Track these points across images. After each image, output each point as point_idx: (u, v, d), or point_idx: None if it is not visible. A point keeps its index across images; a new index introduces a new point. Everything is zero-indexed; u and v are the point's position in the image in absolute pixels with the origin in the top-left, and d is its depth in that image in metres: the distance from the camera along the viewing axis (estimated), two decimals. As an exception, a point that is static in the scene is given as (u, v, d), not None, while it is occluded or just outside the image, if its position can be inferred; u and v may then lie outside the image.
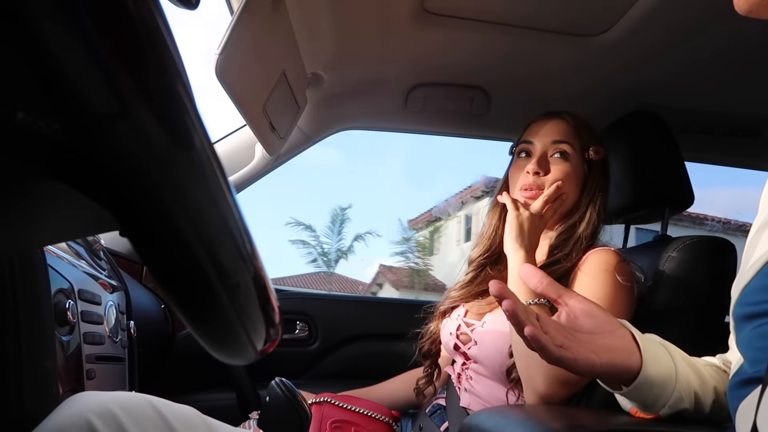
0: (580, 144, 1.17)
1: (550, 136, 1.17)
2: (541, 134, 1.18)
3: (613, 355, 0.66)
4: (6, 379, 0.51)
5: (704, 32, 1.15)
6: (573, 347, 0.63)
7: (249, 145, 1.58)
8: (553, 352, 0.61)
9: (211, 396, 1.58)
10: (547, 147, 1.17)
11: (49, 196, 0.32)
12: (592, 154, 1.16)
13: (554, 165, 1.15)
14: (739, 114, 1.53)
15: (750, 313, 0.61)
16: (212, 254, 0.28)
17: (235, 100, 0.96)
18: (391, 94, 1.52)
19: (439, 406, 1.22)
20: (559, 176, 1.13)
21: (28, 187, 0.31)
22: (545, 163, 1.16)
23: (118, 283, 1.04)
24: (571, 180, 1.15)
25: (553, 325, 0.66)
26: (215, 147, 0.29)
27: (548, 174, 1.14)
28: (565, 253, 1.10)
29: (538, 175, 1.14)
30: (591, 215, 1.14)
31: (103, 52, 0.24)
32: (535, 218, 1.07)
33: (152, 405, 0.60)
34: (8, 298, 0.51)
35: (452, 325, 1.18)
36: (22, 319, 0.52)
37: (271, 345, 0.35)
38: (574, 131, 1.17)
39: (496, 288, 0.64)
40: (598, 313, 0.69)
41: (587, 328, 0.68)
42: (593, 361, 0.64)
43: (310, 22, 1.19)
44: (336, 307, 1.86)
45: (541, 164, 1.15)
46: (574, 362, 0.62)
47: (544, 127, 1.19)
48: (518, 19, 1.20)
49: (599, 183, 1.17)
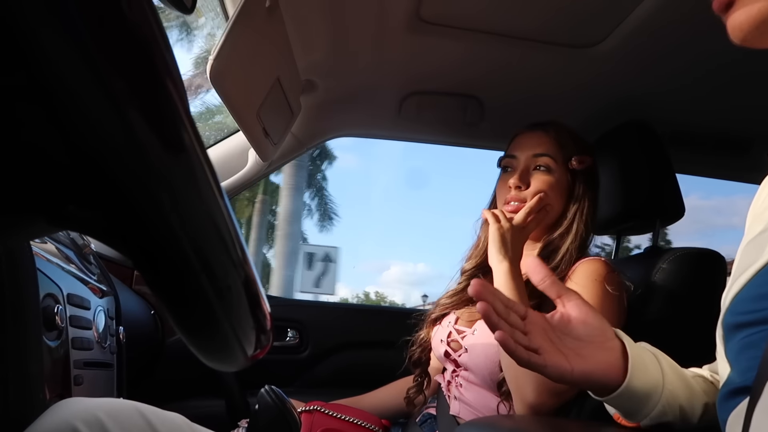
0: (562, 155, 1.17)
1: (532, 149, 1.18)
2: (524, 147, 1.20)
3: (591, 366, 0.66)
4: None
5: (697, 45, 1.16)
6: (549, 352, 0.63)
7: (242, 150, 1.57)
8: (521, 355, 0.61)
9: (201, 403, 1.57)
10: (529, 160, 1.18)
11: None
12: (575, 164, 1.17)
13: (536, 178, 1.16)
14: (730, 127, 1.55)
15: (739, 322, 0.61)
16: (202, 258, 0.28)
17: (229, 105, 0.96)
18: (385, 101, 1.52)
19: (430, 415, 1.21)
20: (540, 188, 1.14)
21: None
22: (526, 177, 1.17)
23: (107, 288, 1.03)
24: (554, 191, 1.15)
25: (539, 324, 0.66)
26: (208, 152, 0.29)
27: (529, 187, 1.16)
28: (554, 266, 1.10)
29: (519, 189, 1.16)
30: (578, 225, 1.14)
31: (98, 61, 0.24)
32: (516, 230, 1.08)
33: (140, 412, 0.59)
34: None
35: (443, 332, 1.18)
36: (8, 323, 0.52)
37: (261, 351, 0.35)
38: (555, 143, 1.18)
39: (475, 288, 0.63)
40: (593, 321, 0.69)
41: (576, 335, 0.68)
42: (564, 368, 0.64)
43: (305, 28, 1.20)
44: (327, 315, 1.85)
45: (522, 178, 1.16)
46: (544, 368, 0.62)
47: (526, 140, 1.20)
48: (513, 29, 1.21)
49: (585, 192, 1.17)
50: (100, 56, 0.24)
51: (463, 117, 1.54)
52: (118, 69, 0.25)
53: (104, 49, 0.24)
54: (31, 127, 0.26)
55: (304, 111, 1.40)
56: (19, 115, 0.26)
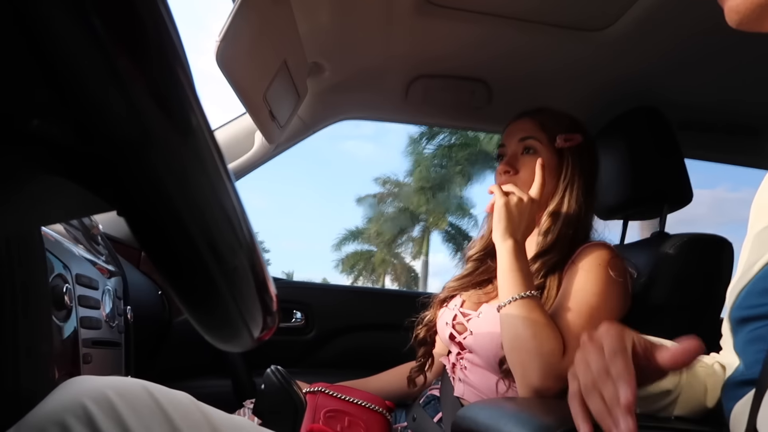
0: (546, 136, 1.17)
1: (517, 135, 1.19)
2: (511, 135, 1.21)
3: None
4: (2, 362, 0.51)
5: (708, 29, 1.14)
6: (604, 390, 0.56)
7: (249, 132, 1.57)
8: None
9: (207, 382, 1.59)
10: (516, 146, 1.19)
11: (46, 187, 0.32)
12: (561, 143, 1.16)
13: (522, 161, 1.17)
14: (741, 111, 1.53)
15: (746, 316, 0.61)
16: (210, 239, 0.29)
17: (235, 87, 0.95)
18: (392, 84, 1.51)
19: (433, 396, 1.22)
20: (528, 171, 1.14)
21: (27, 179, 0.31)
22: (514, 162, 1.17)
23: (115, 268, 1.04)
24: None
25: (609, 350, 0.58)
26: (215, 134, 0.29)
27: (518, 172, 1.16)
28: (550, 241, 1.10)
29: (508, 173, 1.16)
30: (569, 202, 1.13)
31: (105, 42, 0.24)
32: (528, 203, 1.06)
33: (148, 390, 0.60)
34: (5, 281, 0.51)
35: (449, 314, 1.18)
36: (19, 303, 0.52)
37: (268, 332, 0.35)
38: (538, 124, 1.18)
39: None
40: None
41: None
42: None
43: (311, 10, 1.19)
44: (333, 297, 1.86)
45: (510, 163, 1.17)
46: None
47: (513, 128, 1.22)
48: (522, 12, 1.19)
49: (576, 169, 1.16)
50: (107, 35, 0.24)
51: (470, 101, 1.54)
52: (126, 48, 0.25)
53: (111, 28, 0.24)
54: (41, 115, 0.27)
55: (311, 94, 1.40)
56: (36, 100, 0.26)
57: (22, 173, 0.30)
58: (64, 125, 0.26)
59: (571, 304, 1.00)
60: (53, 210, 0.38)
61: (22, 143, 0.27)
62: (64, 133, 0.26)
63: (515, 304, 0.98)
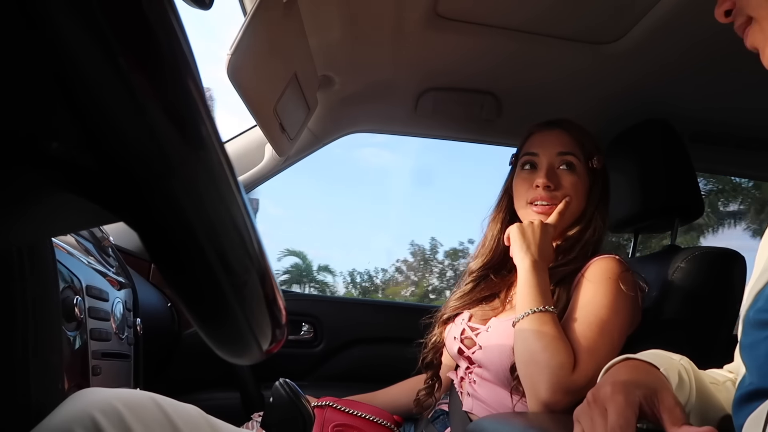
0: (583, 154, 1.18)
1: (556, 148, 1.18)
2: (546, 146, 1.19)
3: None
4: (13, 373, 0.51)
5: (718, 42, 1.14)
6: None
7: (259, 145, 1.58)
8: None
9: (215, 395, 1.59)
10: (553, 159, 1.17)
11: (61, 201, 0.32)
12: (596, 164, 1.17)
13: (563, 177, 1.16)
14: (752, 125, 1.52)
15: (762, 319, 0.60)
16: (222, 254, 0.29)
17: (246, 100, 0.96)
18: (402, 97, 1.52)
19: (442, 411, 1.21)
20: (569, 189, 1.15)
21: (45, 195, 0.32)
22: (555, 177, 1.16)
23: (125, 280, 1.05)
24: (578, 190, 1.16)
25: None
26: (225, 147, 0.29)
27: (559, 187, 1.16)
28: (571, 257, 1.12)
29: (549, 188, 1.15)
30: (596, 222, 1.16)
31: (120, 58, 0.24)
32: (539, 226, 1.10)
33: (156, 403, 0.60)
34: (17, 293, 0.51)
35: (456, 329, 1.17)
36: (30, 314, 0.53)
37: (276, 345, 0.35)
38: (577, 142, 1.18)
39: None
40: None
41: None
42: None
43: (322, 24, 1.20)
44: (342, 310, 1.86)
45: (551, 178, 1.16)
46: None
47: (547, 138, 1.20)
48: (531, 25, 1.20)
49: (602, 191, 1.19)
50: (120, 50, 0.24)
51: (480, 113, 1.54)
52: (138, 62, 0.25)
53: (125, 42, 0.24)
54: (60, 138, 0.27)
55: (321, 106, 1.40)
56: (44, 107, 0.27)
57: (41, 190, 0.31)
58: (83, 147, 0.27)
59: (582, 317, 0.99)
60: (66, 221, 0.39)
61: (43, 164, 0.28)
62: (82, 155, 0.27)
63: (530, 318, 0.98)
